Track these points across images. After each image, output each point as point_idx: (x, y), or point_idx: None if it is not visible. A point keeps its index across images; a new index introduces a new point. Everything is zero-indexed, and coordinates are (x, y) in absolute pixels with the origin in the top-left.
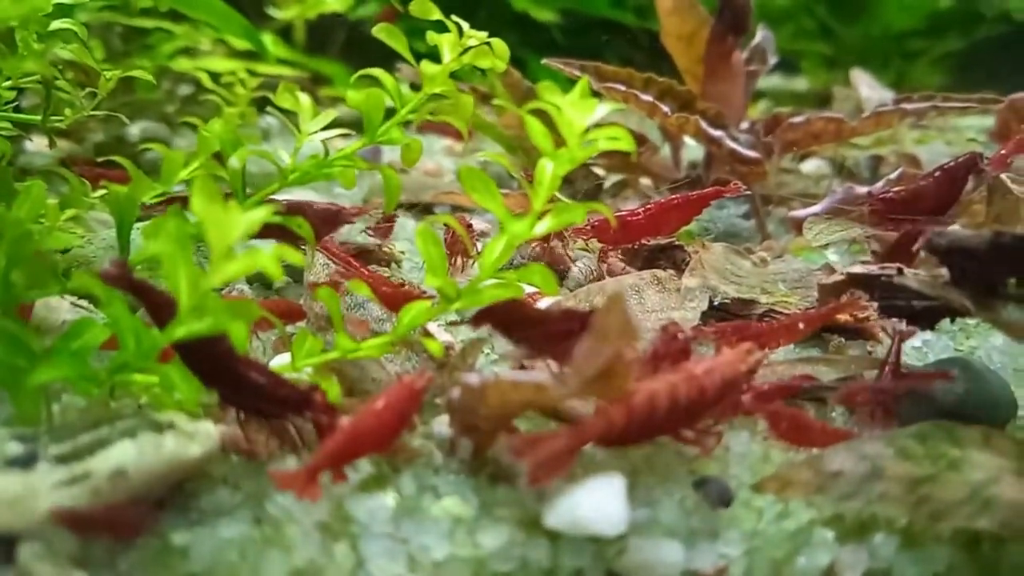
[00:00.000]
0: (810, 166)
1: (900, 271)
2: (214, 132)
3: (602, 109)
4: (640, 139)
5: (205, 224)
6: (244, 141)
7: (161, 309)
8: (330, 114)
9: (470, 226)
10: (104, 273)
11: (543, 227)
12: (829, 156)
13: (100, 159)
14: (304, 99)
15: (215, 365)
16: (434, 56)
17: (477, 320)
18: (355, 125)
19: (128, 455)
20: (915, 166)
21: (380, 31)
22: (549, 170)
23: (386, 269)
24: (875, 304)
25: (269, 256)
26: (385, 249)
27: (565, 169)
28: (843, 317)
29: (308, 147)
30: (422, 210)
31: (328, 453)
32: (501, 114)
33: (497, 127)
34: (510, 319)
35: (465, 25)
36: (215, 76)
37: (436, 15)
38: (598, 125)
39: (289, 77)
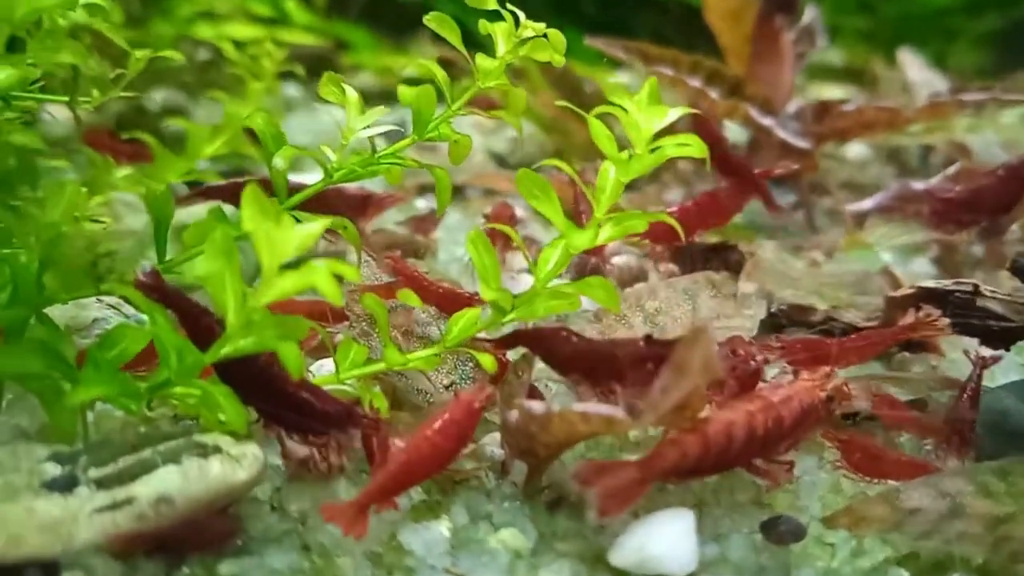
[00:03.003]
0: (854, 151)
1: (976, 289)
2: (257, 126)
3: (673, 114)
4: None
5: (256, 241)
6: (285, 136)
7: (198, 322)
8: (379, 110)
9: (512, 216)
10: (139, 284)
11: (604, 236)
12: (875, 142)
13: (122, 133)
14: (351, 93)
15: (254, 380)
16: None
17: (503, 343)
18: (381, 96)
19: (173, 481)
20: (966, 155)
21: (431, 20)
22: (612, 175)
23: (420, 261)
24: (948, 321)
25: (323, 271)
26: (419, 238)
27: (630, 177)
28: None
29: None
30: (454, 193)
31: (381, 486)
32: (535, 92)
33: (534, 107)
34: (545, 346)
35: (522, 15)
36: (238, 44)
37: (493, 4)
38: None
39: (312, 46)
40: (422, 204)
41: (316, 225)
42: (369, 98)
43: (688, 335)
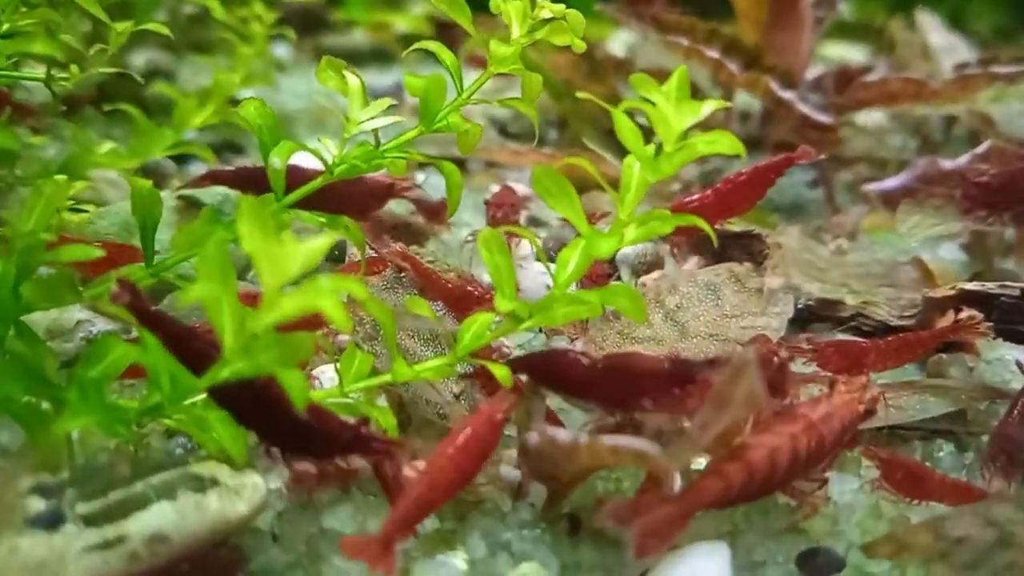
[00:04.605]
0: (872, 119)
1: None
2: (251, 115)
3: (707, 108)
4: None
5: (257, 263)
6: (284, 137)
7: (182, 344)
8: (384, 102)
9: (515, 204)
10: (113, 297)
11: (629, 238)
12: (894, 111)
13: (104, 103)
14: (353, 81)
15: (253, 404)
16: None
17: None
18: (374, 55)
19: (168, 518)
20: (989, 127)
21: (441, 0)
22: (636, 171)
23: (421, 249)
24: (991, 325)
25: (328, 291)
26: (434, 227)
27: (657, 177)
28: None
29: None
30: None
31: (405, 514)
32: (547, 52)
33: (545, 68)
34: (554, 373)
35: None
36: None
37: None
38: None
39: (302, 1)
40: (421, 177)
41: (322, 241)
42: (362, 57)
43: (733, 369)
